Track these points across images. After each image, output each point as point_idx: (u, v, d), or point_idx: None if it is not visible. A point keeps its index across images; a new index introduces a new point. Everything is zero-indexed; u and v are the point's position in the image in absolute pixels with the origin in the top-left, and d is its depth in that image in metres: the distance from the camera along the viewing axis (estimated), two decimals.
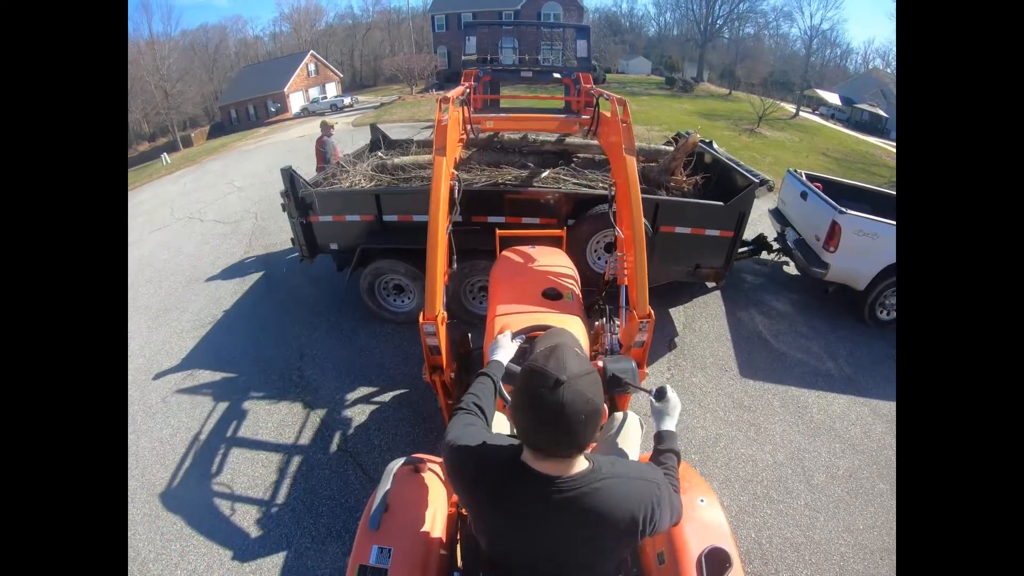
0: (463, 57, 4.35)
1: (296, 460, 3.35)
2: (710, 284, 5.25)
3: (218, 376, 4.25)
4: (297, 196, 4.19)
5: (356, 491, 3.09)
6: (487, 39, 4.46)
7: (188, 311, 5.46)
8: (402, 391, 3.90)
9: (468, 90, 3.78)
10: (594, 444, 1.42)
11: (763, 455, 3.36)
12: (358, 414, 3.72)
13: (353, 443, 3.45)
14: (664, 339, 4.43)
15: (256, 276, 6.13)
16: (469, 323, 4.22)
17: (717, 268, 4.28)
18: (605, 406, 1.23)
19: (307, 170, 4.69)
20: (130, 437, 3.67)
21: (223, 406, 3.90)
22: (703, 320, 4.88)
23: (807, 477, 3.23)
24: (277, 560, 2.73)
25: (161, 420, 3.83)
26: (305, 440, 3.51)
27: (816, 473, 3.26)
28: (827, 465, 3.32)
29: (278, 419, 3.71)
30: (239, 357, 4.49)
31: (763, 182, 4.01)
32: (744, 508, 3.00)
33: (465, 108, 3.44)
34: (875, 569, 2.69)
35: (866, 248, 4.37)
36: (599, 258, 4.20)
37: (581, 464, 1.07)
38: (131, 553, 2.82)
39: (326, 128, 6.42)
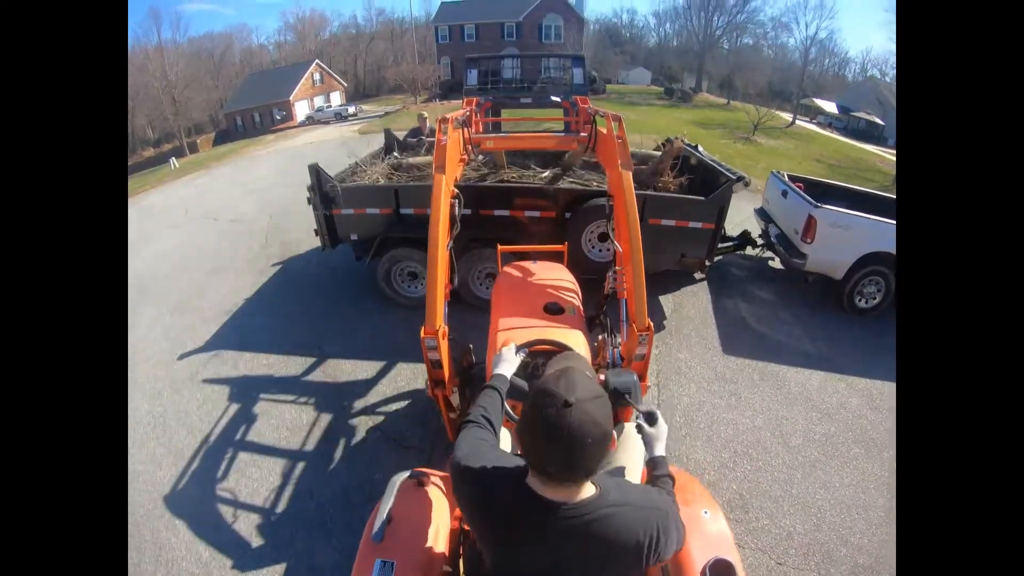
0: (464, 87, 4.56)
1: (317, 424, 3.67)
2: (697, 276, 5.66)
3: (243, 355, 4.59)
4: (322, 190, 4.58)
5: (372, 447, 3.42)
6: (489, 74, 4.66)
7: (210, 299, 5.79)
8: (415, 364, 4.21)
9: (468, 113, 3.86)
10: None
11: (743, 420, 3.68)
12: (374, 383, 4.07)
13: (371, 408, 3.80)
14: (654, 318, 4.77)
15: (274, 269, 6.48)
16: (477, 307, 4.58)
17: (701, 258, 4.67)
18: (615, 433, 1.28)
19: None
20: (157, 411, 3.97)
21: (248, 380, 4.23)
22: (690, 306, 5.25)
23: (785, 440, 3.53)
24: (301, 511, 3.02)
25: (188, 394, 4.13)
26: (325, 407, 3.83)
27: (793, 436, 3.56)
28: (804, 430, 3.62)
29: (300, 391, 4.04)
30: (262, 337, 4.83)
31: (739, 178, 4.43)
32: (725, 464, 3.32)
33: (465, 130, 3.48)
34: (851, 523, 2.93)
35: (841, 239, 4.75)
36: (593, 247, 4.63)
37: (588, 490, 1.06)
38: (157, 512, 3.07)
39: (422, 119, 7.63)
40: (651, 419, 1.54)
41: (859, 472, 3.29)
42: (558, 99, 4.44)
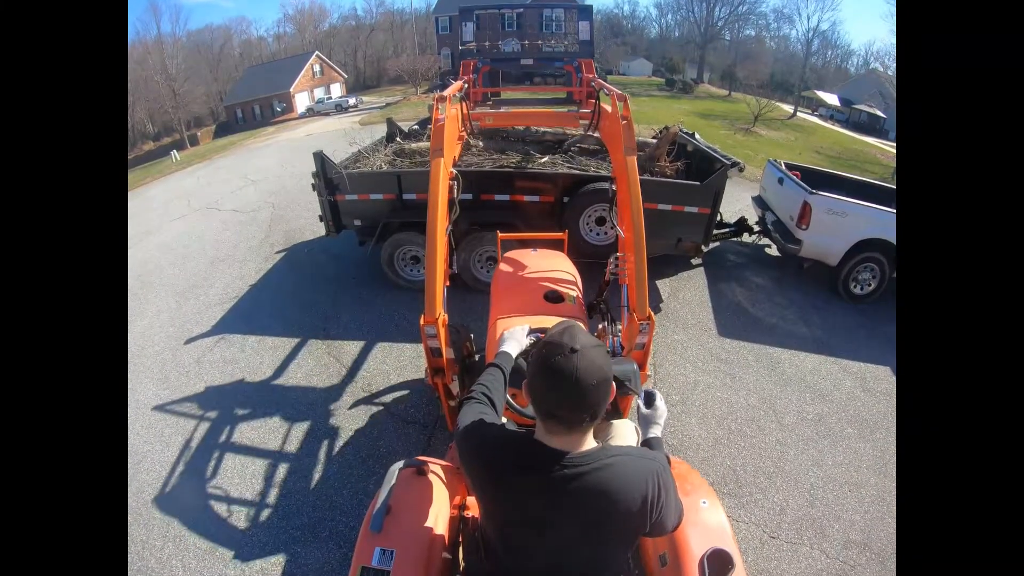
0: (460, 46, 4.44)
1: (324, 402, 3.76)
2: (694, 262, 5.75)
3: (249, 338, 4.67)
4: (327, 177, 4.66)
5: (379, 424, 3.52)
6: (487, 30, 4.58)
7: (215, 287, 5.87)
8: (417, 344, 4.27)
9: (466, 84, 3.80)
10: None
11: (737, 398, 3.77)
12: (378, 363, 4.17)
13: (375, 386, 3.90)
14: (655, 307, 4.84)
15: (278, 257, 6.55)
16: (479, 291, 4.66)
17: (697, 242, 4.76)
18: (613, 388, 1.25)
19: None
20: (163, 393, 4.04)
21: (254, 362, 4.32)
22: (687, 290, 5.34)
23: (778, 418, 3.62)
24: (306, 483, 3.11)
25: (195, 377, 4.21)
26: (332, 386, 3.93)
27: (787, 415, 3.64)
28: (797, 410, 3.70)
29: (306, 370, 4.15)
30: (267, 322, 4.91)
31: (734, 164, 4.50)
32: (720, 440, 3.40)
33: (464, 104, 3.39)
34: (844, 499, 3.00)
35: (836, 226, 4.83)
36: (591, 230, 4.71)
37: (591, 443, 1.12)
38: (165, 490, 3.14)
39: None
40: (649, 400, 1.53)
41: (851, 451, 3.37)
42: (560, 64, 4.35)
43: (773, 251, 6.17)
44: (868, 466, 3.26)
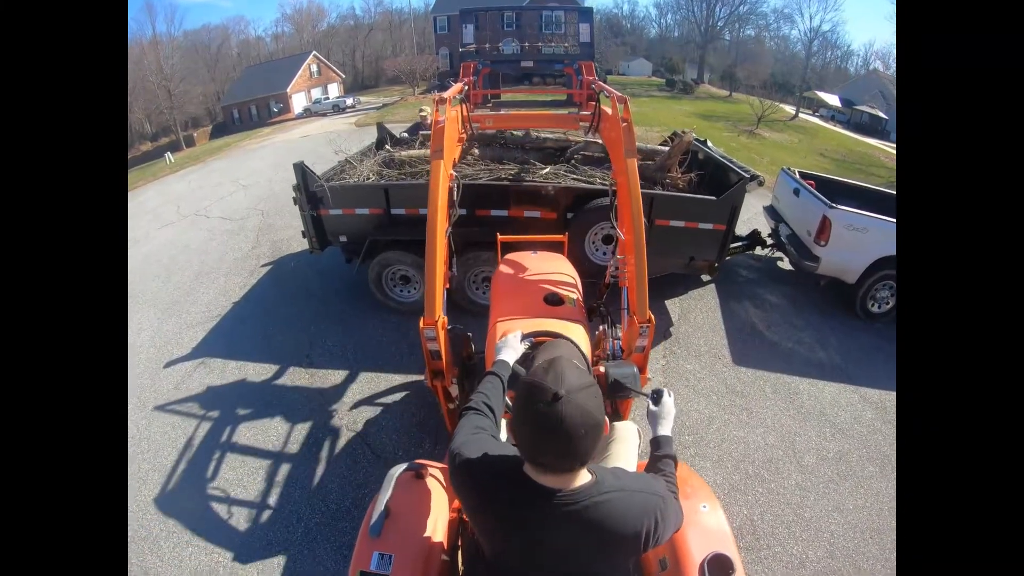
0: (460, 48, 4.32)
1: (306, 441, 3.48)
2: (705, 277, 5.43)
3: (229, 363, 4.39)
4: (308, 190, 4.34)
5: (365, 468, 3.23)
6: (487, 31, 4.42)
7: (198, 303, 5.61)
8: (407, 375, 4.04)
9: (466, 86, 3.73)
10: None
11: (755, 437, 3.49)
12: (365, 397, 3.87)
13: (361, 423, 3.60)
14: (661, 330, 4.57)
15: (264, 271, 6.28)
16: (473, 313, 4.36)
17: (711, 261, 4.44)
18: (607, 420, 1.23)
19: (316, 167, 4.82)
20: (142, 423, 3.79)
21: (234, 391, 4.05)
22: (698, 311, 5.03)
23: (797, 458, 3.35)
24: (289, 536, 2.84)
25: (173, 406, 3.95)
26: (314, 422, 3.64)
27: (806, 455, 3.38)
28: (817, 448, 3.45)
29: (288, 403, 3.85)
30: (249, 345, 4.63)
31: (753, 177, 4.17)
32: (736, 486, 3.13)
33: (464, 106, 3.37)
34: (864, 548, 2.79)
35: (856, 242, 4.52)
36: (596, 249, 4.37)
37: (584, 477, 1.06)
38: (141, 533, 2.92)
39: (423, 116, 7.17)
40: (656, 399, 1.54)
41: (872, 493, 3.14)
42: (560, 66, 4.18)
43: (786, 264, 5.86)
44: (889, 508, 3.03)
